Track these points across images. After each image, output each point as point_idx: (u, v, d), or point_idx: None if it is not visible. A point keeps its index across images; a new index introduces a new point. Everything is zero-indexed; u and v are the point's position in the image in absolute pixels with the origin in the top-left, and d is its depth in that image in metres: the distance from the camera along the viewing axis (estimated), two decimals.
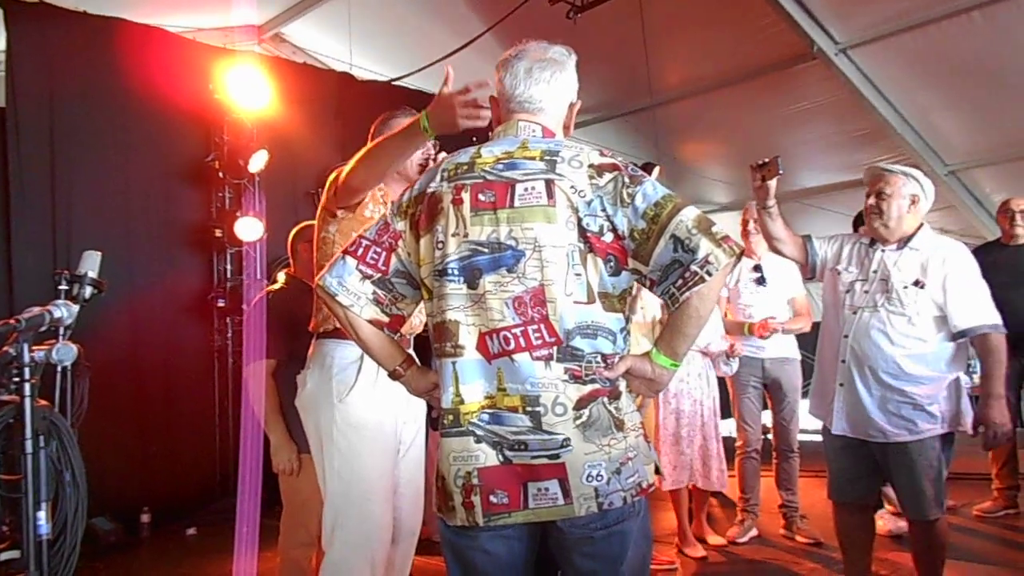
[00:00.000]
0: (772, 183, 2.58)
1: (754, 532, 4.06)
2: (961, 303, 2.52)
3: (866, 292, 2.63)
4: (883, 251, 2.65)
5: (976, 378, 2.88)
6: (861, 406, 2.60)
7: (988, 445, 2.56)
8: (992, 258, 4.20)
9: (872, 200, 2.66)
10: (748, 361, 4.03)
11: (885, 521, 3.79)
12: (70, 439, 1.81)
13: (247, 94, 5.20)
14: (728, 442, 4.24)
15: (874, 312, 2.59)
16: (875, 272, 2.63)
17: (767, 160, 2.55)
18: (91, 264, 2.18)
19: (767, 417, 4.28)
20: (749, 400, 4.07)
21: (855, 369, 2.62)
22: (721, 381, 4.05)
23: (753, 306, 4.05)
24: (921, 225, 2.66)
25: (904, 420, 2.54)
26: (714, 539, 3.95)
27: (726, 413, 4.25)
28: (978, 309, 2.54)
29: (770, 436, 4.26)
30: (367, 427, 2.16)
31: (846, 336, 2.64)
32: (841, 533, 2.83)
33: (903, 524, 3.28)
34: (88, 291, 2.13)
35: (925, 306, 2.54)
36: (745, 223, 3.99)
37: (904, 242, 2.63)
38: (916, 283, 2.55)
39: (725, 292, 4.14)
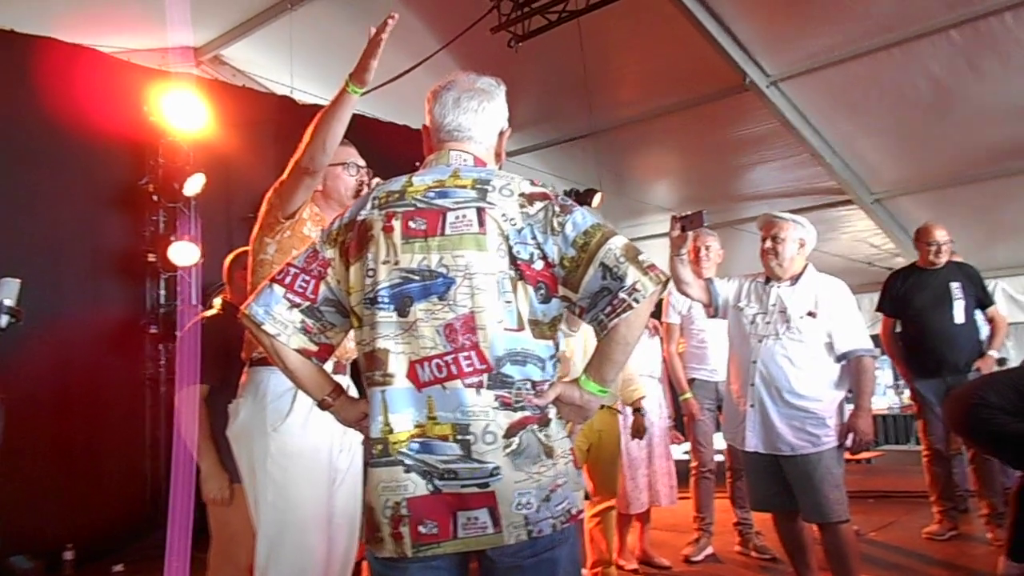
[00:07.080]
0: (690, 234, 2.82)
1: (709, 550, 4.11)
2: (843, 330, 2.90)
3: (768, 323, 2.96)
4: (778, 287, 2.99)
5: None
6: (770, 423, 2.90)
7: (855, 450, 2.93)
8: (911, 282, 4.34)
9: (769, 244, 3.00)
10: (702, 384, 4.15)
11: None
12: None
13: (183, 116, 5.10)
14: (683, 464, 4.30)
15: (777, 340, 2.91)
16: (774, 305, 2.96)
17: (691, 213, 2.75)
18: (8, 292, 2.10)
19: (720, 439, 4.35)
20: (703, 422, 4.14)
21: (764, 390, 2.92)
22: (676, 405, 4.19)
23: (706, 331, 4.12)
24: (807, 264, 3.02)
25: (808, 435, 2.85)
26: (661, 561, 3.99)
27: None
28: (856, 336, 2.92)
29: (721, 458, 4.33)
30: (302, 456, 2.11)
31: (755, 362, 2.94)
32: (782, 541, 3.09)
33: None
34: (4, 320, 2.05)
35: (818, 334, 2.90)
36: (696, 250, 4.03)
37: (795, 279, 2.98)
38: (809, 314, 2.90)
39: (678, 319, 4.23)
